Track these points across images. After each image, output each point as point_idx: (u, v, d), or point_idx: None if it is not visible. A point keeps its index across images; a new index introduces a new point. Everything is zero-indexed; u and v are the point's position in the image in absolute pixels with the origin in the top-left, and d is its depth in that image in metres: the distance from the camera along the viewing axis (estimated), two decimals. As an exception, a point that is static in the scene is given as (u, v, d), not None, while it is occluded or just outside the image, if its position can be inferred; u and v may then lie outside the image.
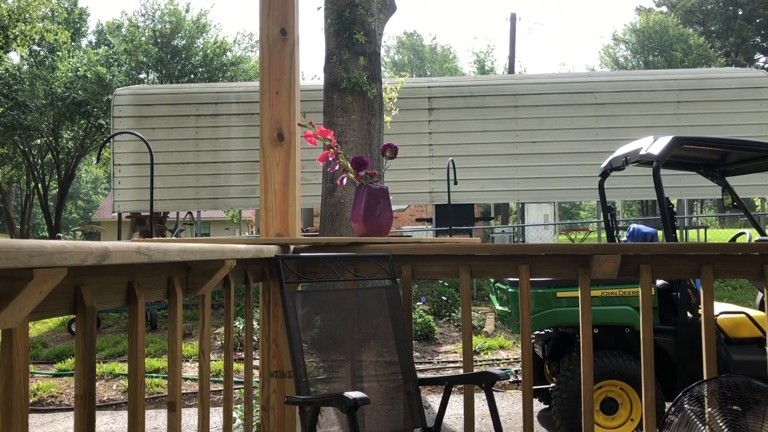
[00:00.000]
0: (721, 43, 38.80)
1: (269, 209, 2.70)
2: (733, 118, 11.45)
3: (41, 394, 6.01)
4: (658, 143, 4.08)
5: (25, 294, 1.07)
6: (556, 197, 13.44)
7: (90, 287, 1.42)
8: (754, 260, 2.50)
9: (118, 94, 12.43)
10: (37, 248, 0.98)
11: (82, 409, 1.40)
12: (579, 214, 38.80)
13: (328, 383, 2.26)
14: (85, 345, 1.41)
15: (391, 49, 47.97)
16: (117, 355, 7.40)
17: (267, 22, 2.74)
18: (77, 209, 47.58)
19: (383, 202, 2.75)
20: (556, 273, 2.57)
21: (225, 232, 28.92)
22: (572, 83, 12.28)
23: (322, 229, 6.26)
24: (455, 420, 4.92)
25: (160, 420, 5.24)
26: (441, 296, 9.28)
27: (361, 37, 6.18)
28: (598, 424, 4.09)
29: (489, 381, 2.26)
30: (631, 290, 4.19)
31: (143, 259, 1.35)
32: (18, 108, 21.52)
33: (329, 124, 6.18)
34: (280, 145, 2.71)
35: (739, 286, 10.61)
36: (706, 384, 2.44)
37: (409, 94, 10.73)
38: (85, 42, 28.31)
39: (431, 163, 11.69)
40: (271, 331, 2.56)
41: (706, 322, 2.50)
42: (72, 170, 26.03)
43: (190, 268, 1.89)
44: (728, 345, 4.04)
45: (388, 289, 2.46)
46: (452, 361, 6.92)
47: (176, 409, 1.80)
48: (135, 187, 11.71)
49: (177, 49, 23.00)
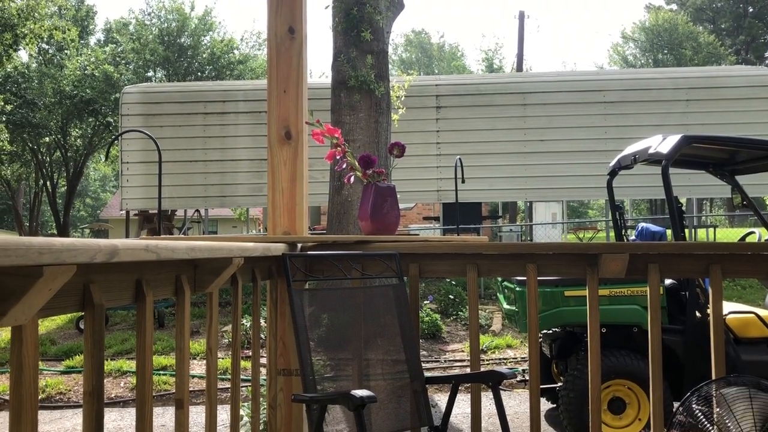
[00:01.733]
0: (731, 41, 38.56)
1: (277, 207, 2.70)
2: (743, 117, 11.38)
3: (50, 390, 6.05)
4: (667, 142, 4.06)
5: (35, 291, 1.08)
6: (564, 196, 13.40)
7: (99, 284, 1.42)
8: (763, 260, 2.48)
9: (126, 92, 12.47)
10: (46, 246, 0.98)
11: (90, 405, 1.41)
12: (587, 213, 38.69)
13: (335, 381, 2.26)
14: (94, 342, 1.41)
15: (399, 47, 47.98)
16: (125, 353, 7.44)
17: (275, 20, 2.74)
18: (85, 207, 47.79)
19: (390, 200, 2.74)
20: (563, 272, 2.56)
21: (232, 230, 28.98)
22: (581, 81, 12.23)
23: (330, 228, 6.26)
24: (462, 419, 4.92)
25: (167, 417, 5.27)
26: (448, 295, 9.27)
27: (369, 35, 6.17)
28: (605, 423, 4.07)
29: (496, 380, 2.25)
30: (640, 289, 4.18)
31: (151, 257, 1.36)
32: (27, 106, 21.63)
33: (337, 122, 6.18)
34: (287, 143, 2.71)
35: (748, 285, 10.55)
36: (715, 384, 2.43)
37: (417, 92, 10.71)
38: (93, 40, 28.44)
39: (439, 162, 11.67)
40: (279, 329, 2.57)
41: (715, 322, 2.49)
42: (80, 168, 26.14)
43: (198, 266, 1.89)
44: (737, 345, 4.02)
45: (395, 287, 2.46)
46: (459, 360, 6.91)
47: (184, 407, 1.81)
48: (143, 185, 11.75)
49: (184, 47, 23.05)
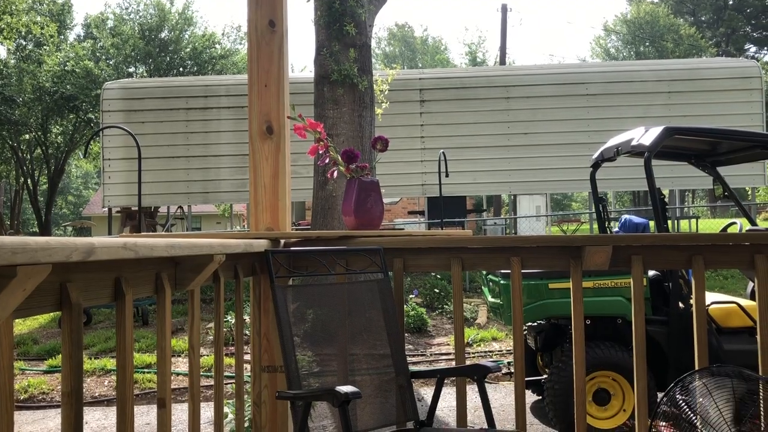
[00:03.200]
0: (712, 33, 38.91)
1: (259, 203, 2.68)
2: (724, 108, 11.50)
3: (32, 390, 5.98)
4: (649, 134, 4.08)
5: (8, 292, 1.05)
6: (547, 189, 13.49)
7: (76, 284, 1.39)
8: (744, 250, 2.50)
9: (107, 88, 12.34)
10: (20, 245, 0.96)
11: (69, 407, 1.38)
12: (571, 206, 38.94)
13: (319, 377, 2.25)
14: (72, 342, 1.39)
15: (382, 41, 47.83)
16: (108, 351, 7.37)
17: (255, 14, 2.71)
18: (67, 204, 47.29)
19: (374, 195, 2.73)
20: (547, 264, 2.57)
21: (216, 226, 28.82)
22: (564, 74, 12.29)
23: (314, 223, 6.24)
24: (448, 412, 4.93)
25: (152, 416, 5.23)
26: (434, 289, 9.29)
27: (352, 28, 6.14)
28: (590, 414, 4.10)
29: (481, 374, 2.25)
30: (623, 281, 4.20)
31: (130, 255, 1.33)
32: (5, 103, 21.35)
33: (320, 116, 6.15)
34: (269, 138, 2.68)
35: (730, 275, 10.67)
36: (698, 374, 2.45)
37: (401, 86, 10.70)
38: (72, 36, 28.08)
39: (423, 156, 11.68)
40: (262, 325, 2.55)
41: (698, 312, 2.50)
42: (61, 165, 25.86)
43: (179, 263, 1.87)
44: (719, 335, 4.06)
45: (379, 282, 2.45)
46: (445, 353, 6.93)
47: (166, 405, 1.78)
48: (125, 182, 11.65)
49: (165, 42, 22.85)
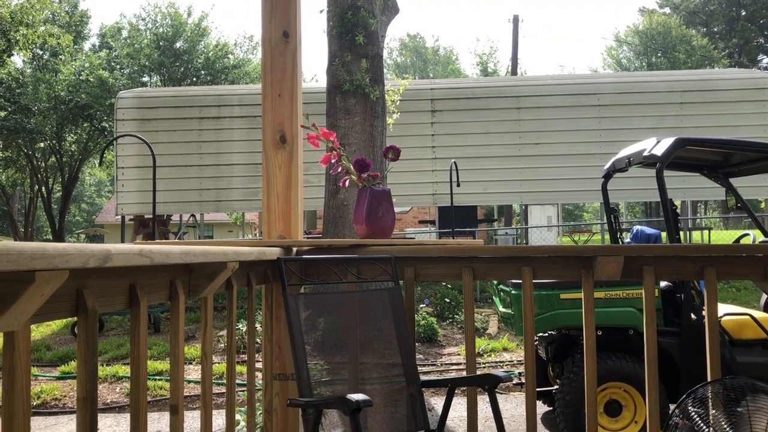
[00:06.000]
0: (725, 44, 38.75)
1: (272, 212, 2.70)
2: (737, 120, 11.43)
3: (45, 396, 6.02)
4: (661, 144, 4.07)
5: (27, 297, 1.07)
6: (559, 199, 13.44)
7: (92, 290, 1.41)
8: (758, 261, 2.48)
9: (121, 97, 12.46)
10: (38, 251, 0.97)
11: (84, 412, 1.40)
12: (582, 216, 38.76)
13: (330, 386, 2.26)
14: (87, 347, 1.40)
15: (393, 51, 48.04)
16: (120, 358, 7.41)
17: (269, 25, 2.74)
18: (81, 212, 47.65)
19: (385, 204, 2.74)
20: (559, 275, 2.56)
21: (228, 234, 28.91)
22: (575, 85, 12.27)
23: (326, 231, 6.26)
24: (459, 422, 4.91)
25: (163, 423, 5.25)
26: (444, 298, 9.27)
27: (363, 39, 6.18)
28: (601, 426, 4.07)
29: (492, 383, 2.25)
30: (635, 292, 4.18)
31: (145, 262, 1.35)
32: (21, 111, 21.59)
33: (332, 126, 6.18)
34: (282, 147, 2.70)
35: (743, 287, 10.58)
36: (710, 386, 2.43)
37: (412, 96, 10.73)
38: (87, 45, 28.40)
39: (434, 165, 11.69)
40: (274, 333, 2.56)
41: (710, 324, 2.49)
42: (75, 173, 26.08)
43: (193, 270, 1.89)
44: (732, 347, 4.02)
45: (390, 291, 2.46)
46: (455, 363, 6.91)
47: (179, 412, 1.80)
48: (138, 190, 11.73)
49: (179, 52, 23.06)
